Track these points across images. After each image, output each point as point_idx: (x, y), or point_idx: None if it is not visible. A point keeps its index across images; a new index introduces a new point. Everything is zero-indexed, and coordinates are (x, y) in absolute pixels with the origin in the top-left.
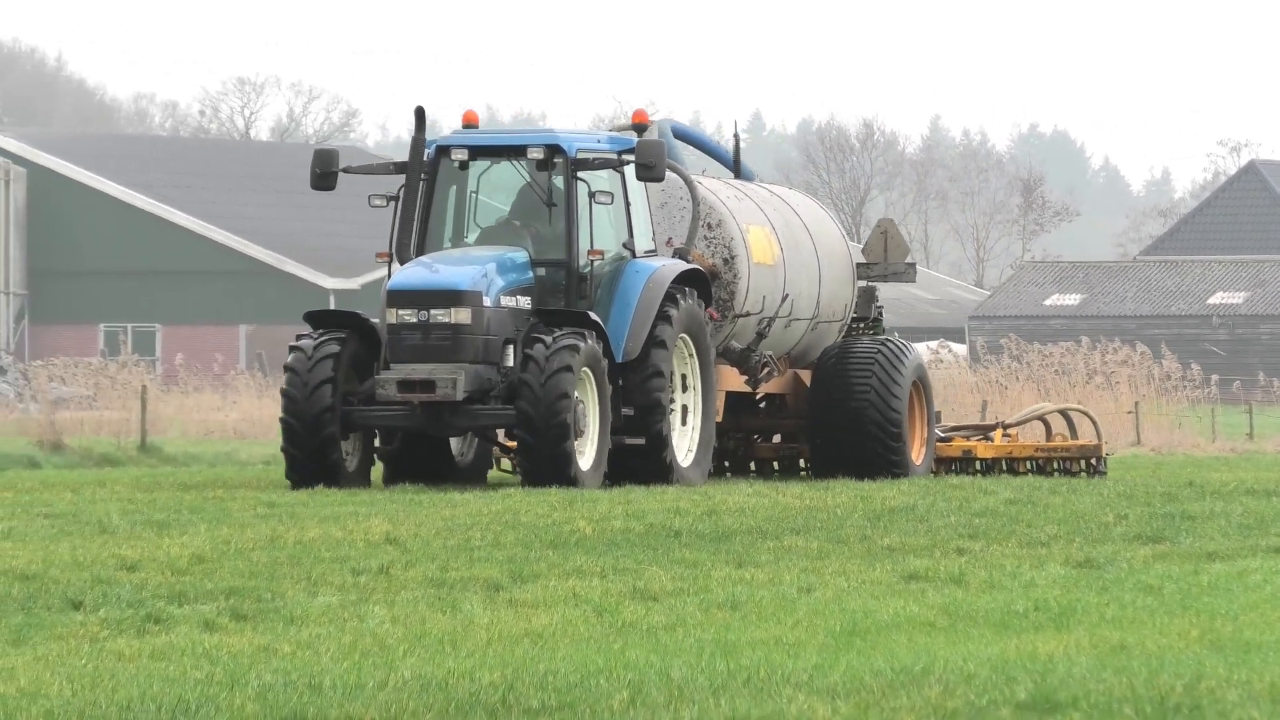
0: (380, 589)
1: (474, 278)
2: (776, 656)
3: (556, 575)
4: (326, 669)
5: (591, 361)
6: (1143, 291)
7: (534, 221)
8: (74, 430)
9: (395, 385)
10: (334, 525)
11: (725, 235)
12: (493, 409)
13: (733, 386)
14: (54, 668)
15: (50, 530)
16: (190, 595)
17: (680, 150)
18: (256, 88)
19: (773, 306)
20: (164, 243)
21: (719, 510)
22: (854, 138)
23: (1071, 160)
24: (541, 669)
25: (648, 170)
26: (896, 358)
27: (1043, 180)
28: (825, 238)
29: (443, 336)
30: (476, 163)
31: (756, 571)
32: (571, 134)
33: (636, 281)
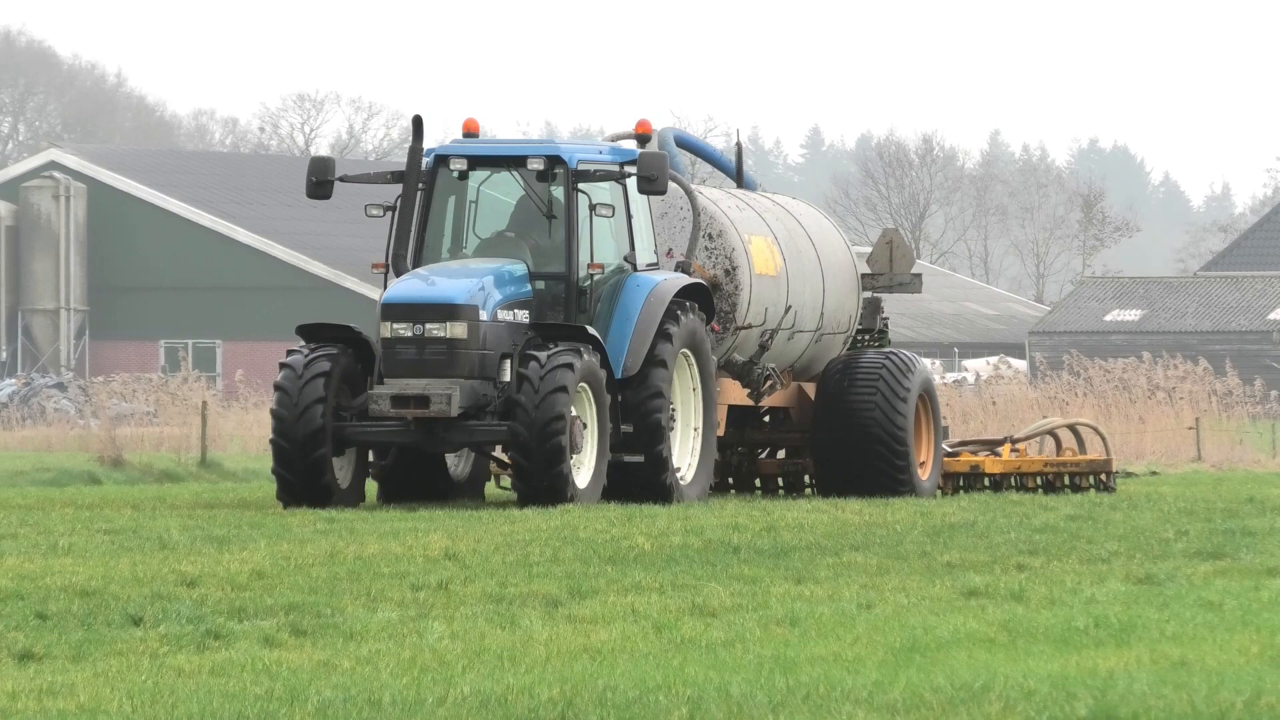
0: (439, 604)
1: (470, 291)
2: (836, 673)
3: (615, 591)
4: (386, 685)
5: (589, 377)
6: (1203, 307)
7: (533, 233)
8: (134, 446)
9: (389, 400)
10: (393, 541)
11: (726, 246)
12: (488, 425)
13: (735, 400)
14: (114, 684)
15: (110, 546)
16: (250, 611)
17: (682, 159)
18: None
19: (775, 318)
20: (224, 259)
21: (778, 526)
22: (913, 153)
23: (1132, 175)
24: (600, 685)
25: (650, 183)
26: (902, 371)
27: (1103, 195)
28: (829, 248)
29: (438, 351)
30: (476, 173)
31: (816, 588)
32: (572, 145)
33: (637, 296)
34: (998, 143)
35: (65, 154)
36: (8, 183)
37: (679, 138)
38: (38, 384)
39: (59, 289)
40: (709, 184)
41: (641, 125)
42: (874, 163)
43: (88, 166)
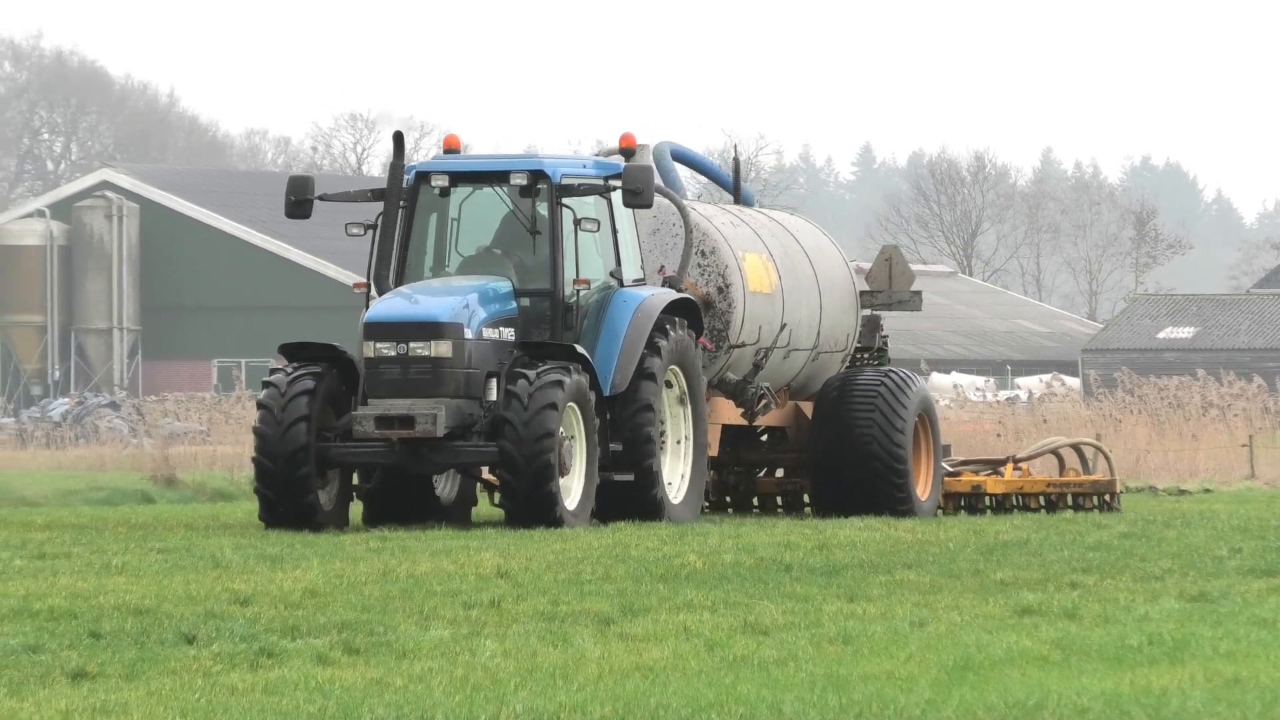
0: (491, 622)
1: (454, 309)
2: (889, 691)
3: (667, 609)
4: (439, 703)
5: (578, 396)
6: (1256, 324)
7: (517, 250)
8: (187, 465)
9: (373, 421)
10: (445, 559)
11: (719, 263)
12: (475, 445)
13: (728, 420)
14: (167, 702)
15: (164, 565)
16: (303, 629)
17: (678, 175)
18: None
19: (770, 336)
20: (277, 278)
21: (830, 544)
22: (965, 170)
23: (1184, 193)
24: (652, 703)
25: (635, 196)
26: (900, 389)
27: (1155, 213)
28: (827, 265)
29: (422, 370)
30: (458, 189)
31: (868, 606)
32: (556, 159)
33: (624, 312)
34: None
35: (118, 174)
36: (61, 202)
37: (676, 151)
38: (91, 403)
39: (112, 308)
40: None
41: (625, 139)
42: (926, 180)
43: (140, 186)
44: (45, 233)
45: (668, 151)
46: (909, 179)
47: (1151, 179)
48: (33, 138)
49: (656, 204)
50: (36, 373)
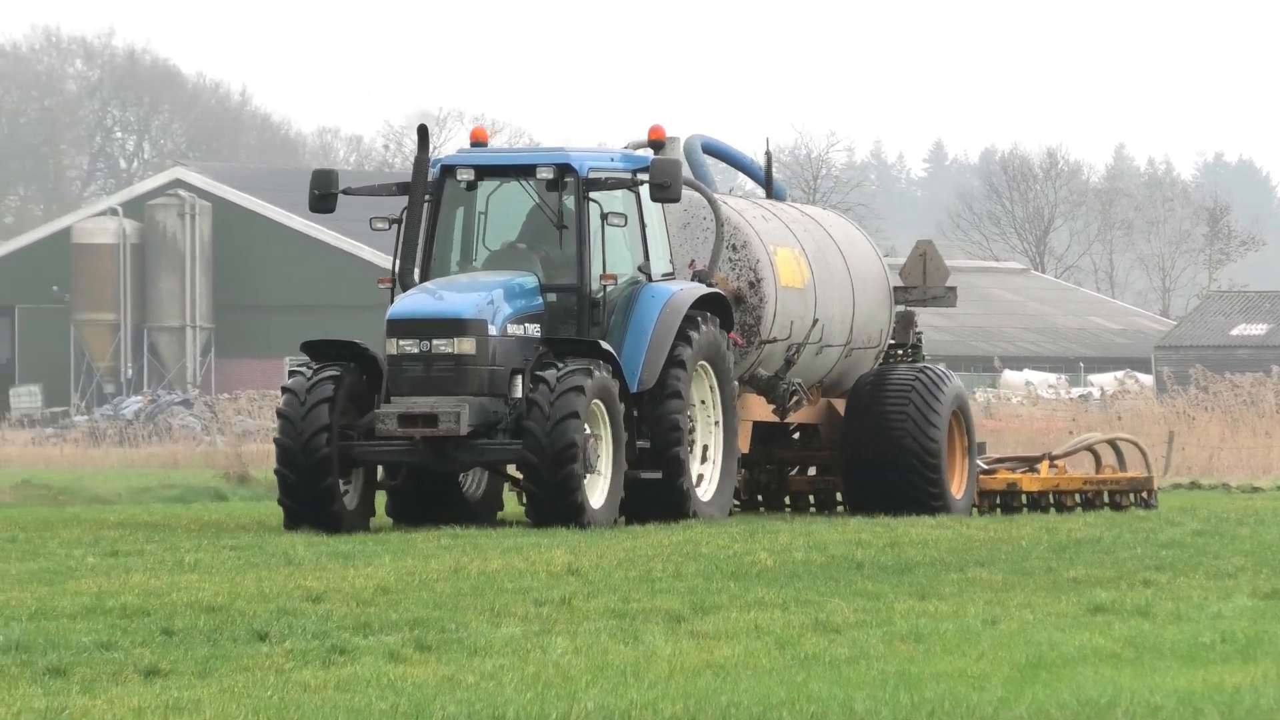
0: (562, 620)
1: (478, 305)
2: (960, 689)
3: (738, 607)
4: (510, 700)
5: (602, 394)
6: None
7: (544, 245)
8: (260, 463)
9: (396, 420)
10: (516, 556)
11: (751, 257)
12: (499, 443)
13: (759, 416)
14: (240, 699)
15: (236, 562)
16: (375, 626)
17: (709, 168)
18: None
19: (802, 332)
20: (349, 275)
21: (901, 542)
22: (1037, 167)
23: (1257, 189)
24: (724, 701)
25: (663, 190)
26: (934, 386)
27: (1228, 209)
28: (860, 260)
29: (445, 368)
30: (484, 183)
31: (940, 604)
32: (583, 152)
33: (652, 307)
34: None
35: (190, 172)
36: (134, 201)
37: (707, 144)
38: (164, 401)
39: (184, 306)
40: (734, 193)
41: (654, 131)
42: (998, 177)
43: (213, 185)
44: (118, 231)
45: (699, 145)
46: (981, 175)
47: (1224, 175)
48: (105, 136)
49: (687, 197)
50: (109, 371)
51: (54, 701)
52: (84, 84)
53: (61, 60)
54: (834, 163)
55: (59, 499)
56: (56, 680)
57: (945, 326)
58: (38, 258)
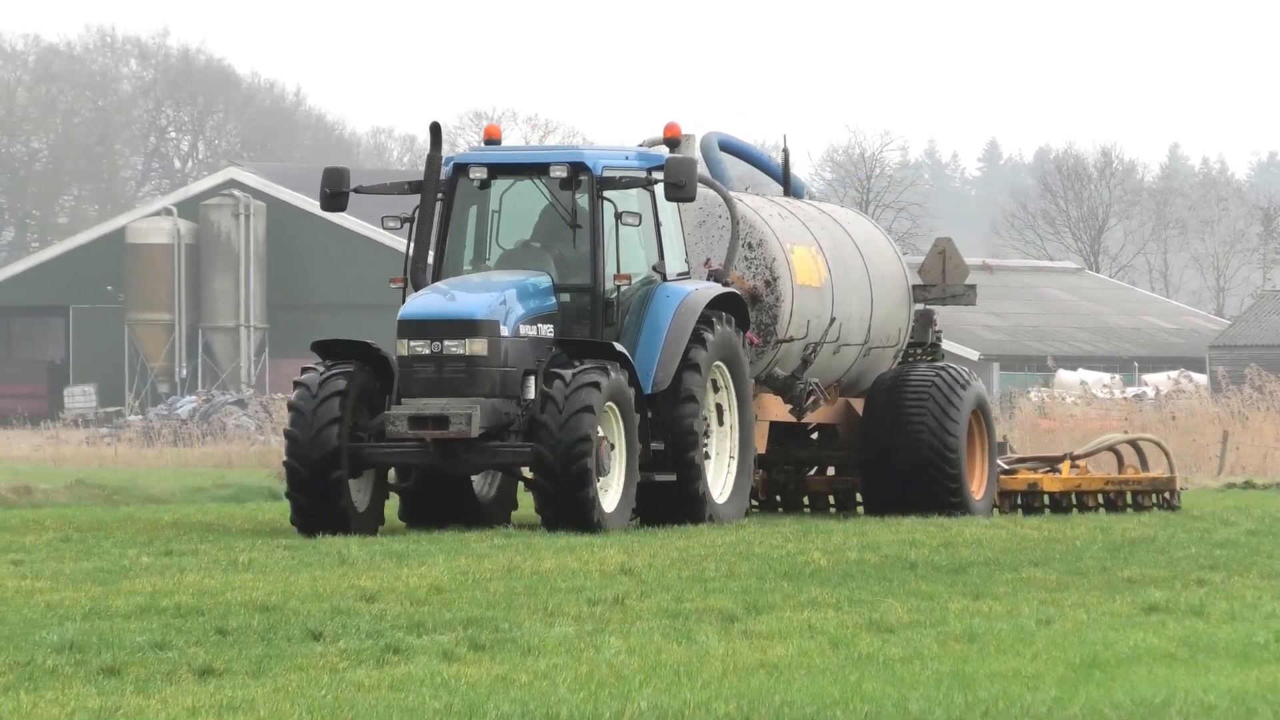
0: (616, 619)
1: (490, 306)
2: (1015, 689)
3: (791, 606)
4: (563, 699)
5: (616, 396)
6: None
7: (557, 244)
8: None
9: (406, 421)
10: (570, 555)
11: (767, 256)
12: (512, 445)
13: (776, 416)
14: (293, 699)
15: (290, 562)
16: (428, 625)
17: (726, 165)
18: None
19: (819, 331)
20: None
21: (955, 542)
22: (1092, 166)
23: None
24: (777, 700)
25: (677, 189)
26: (954, 385)
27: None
28: (878, 258)
29: (457, 369)
30: (497, 181)
31: (994, 603)
32: (597, 151)
33: (667, 307)
34: (1177, 156)
35: (245, 172)
36: (188, 201)
37: (724, 142)
38: (218, 401)
39: (239, 306)
40: (750, 191)
41: (670, 129)
42: (1052, 176)
43: (267, 184)
44: (172, 231)
45: (716, 142)
46: (1035, 175)
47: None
48: (160, 136)
49: (702, 195)
50: (163, 370)
51: (108, 701)
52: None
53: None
54: (888, 162)
55: (113, 499)
56: (111, 680)
57: (999, 326)
58: (92, 258)
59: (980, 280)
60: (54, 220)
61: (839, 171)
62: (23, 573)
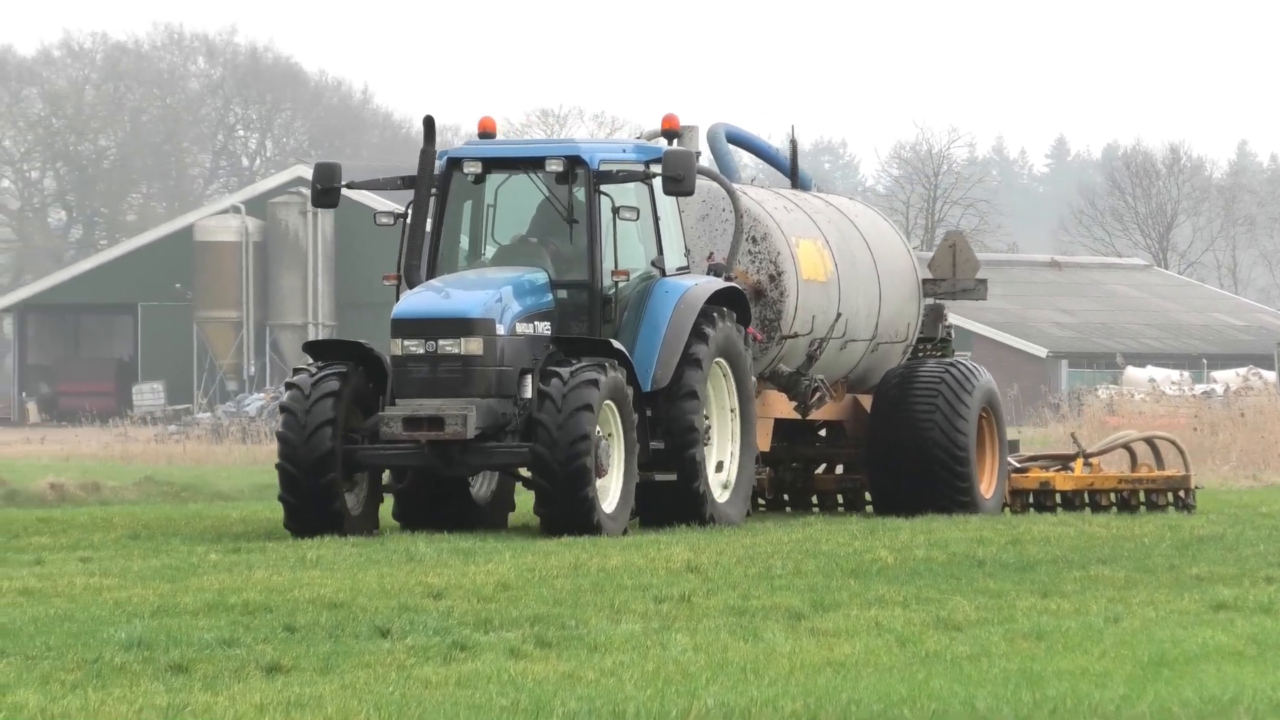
0: (682, 617)
1: (486, 304)
2: (1083, 687)
3: (858, 604)
4: (630, 697)
5: (614, 393)
6: None
7: (554, 239)
8: None
9: (400, 422)
10: (636, 553)
11: (771, 249)
12: (508, 446)
13: (781, 413)
14: (361, 696)
15: (358, 559)
16: (495, 622)
17: (733, 157)
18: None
19: (824, 327)
20: None
21: (1023, 540)
22: (1160, 163)
23: None
24: (844, 698)
25: (675, 183)
26: (963, 382)
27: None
28: (887, 252)
29: (452, 369)
30: (492, 176)
31: (1062, 601)
32: (594, 144)
33: (666, 303)
34: (1245, 152)
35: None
36: (256, 199)
37: (730, 133)
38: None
39: (307, 304)
40: (756, 183)
41: (668, 120)
42: (1120, 173)
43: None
44: (241, 229)
45: (722, 133)
46: (1103, 171)
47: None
48: (228, 134)
49: (705, 188)
50: (232, 368)
51: (176, 699)
52: (206, 82)
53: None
54: (955, 158)
55: (182, 496)
56: (178, 677)
57: (1068, 323)
58: (161, 255)
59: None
60: (122, 218)
61: (906, 168)
62: (91, 570)
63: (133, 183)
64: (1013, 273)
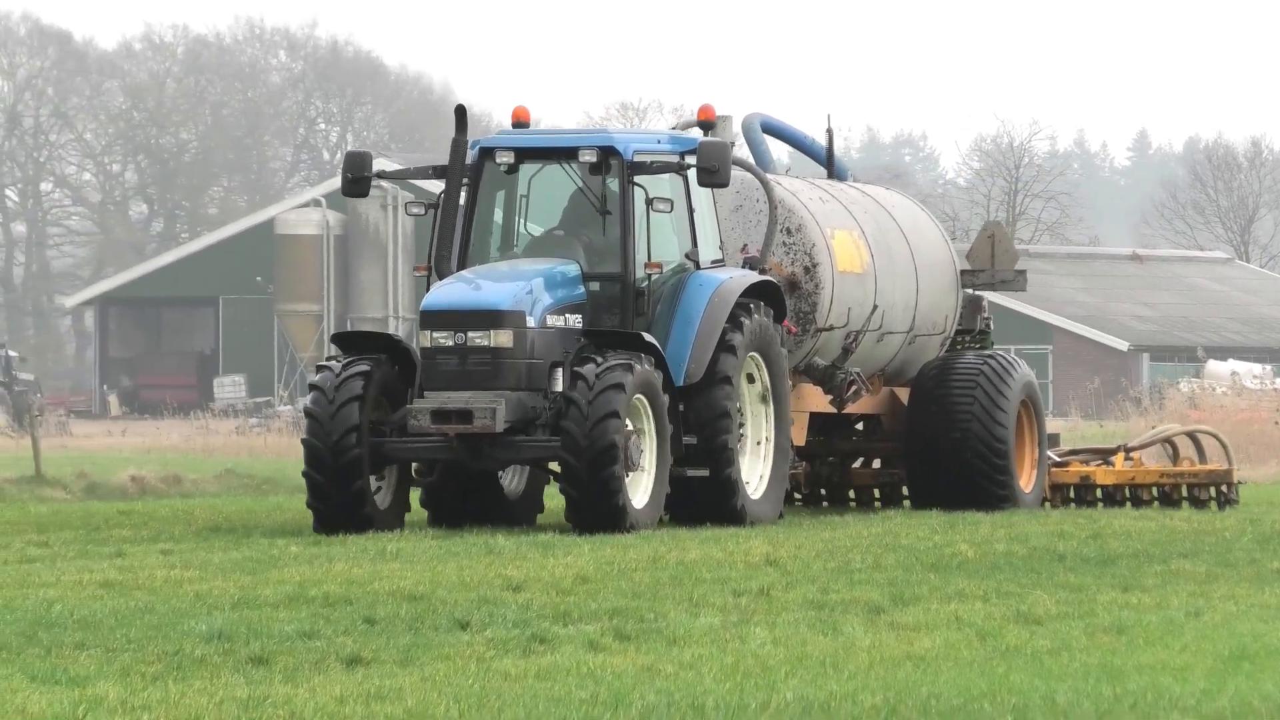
0: (761, 610)
1: (516, 296)
2: (1163, 681)
3: (938, 598)
4: (709, 690)
5: (645, 388)
6: None
7: (587, 231)
8: None
9: (429, 415)
10: (714, 546)
11: (806, 241)
12: (538, 440)
13: (816, 407)
14: (440, 688)
15: (437, 551)
16: (574, 615)
17: (768, 147)
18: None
19: (860, 319)
20: None
21: (1104, 534)
22: (1241, 156)
23: None
24: (924, 692)
25: (711, 175)
26: (1002, 374)
27: None
28: (924, 243)
29: (481, 361)
30: (525, 166)
31: (1143, 595)
32: (628, 134)
33: (700, 296)
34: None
35: (392, 164)
36: (337, 192)
37: (766, 123)
38: None
39: (387, 297)
40: (790, 174)
41: (704, 111)
42: (1202, 166)
43: None
44: (321, 222)
45: (758, 123)
46: (1185, 165)
47: None
48: (309, 127)
49: (739, 178)
50: (312, 361)
51: (256, 691)
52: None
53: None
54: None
55: (262, 488)
56: (259, 669)
57: (1149, 316)
58: (242, 249)
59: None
60: (203, 211)
61: (987, 161)
62: (172, 562)
63: (214, 176)
64: (1094, 266)
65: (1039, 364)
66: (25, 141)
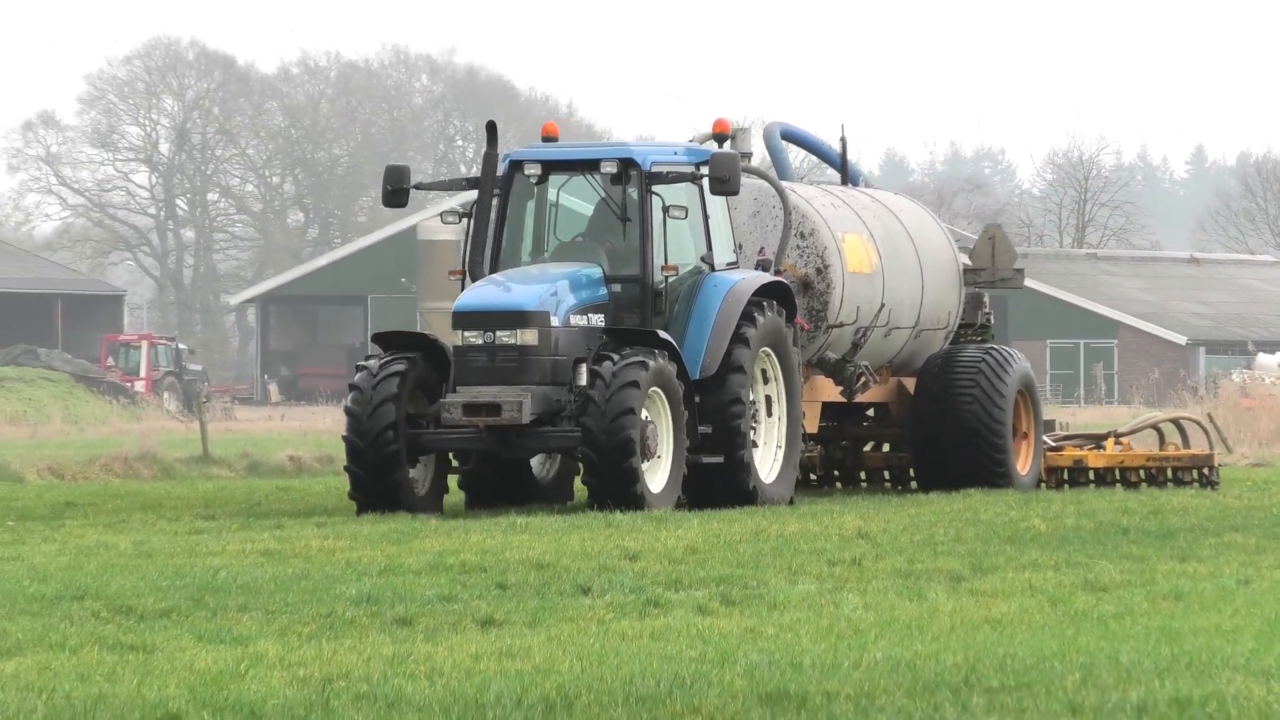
0: (853, 578)
1: (541, 297)
2: (1216, 642)
3: (1014, 568)
4: (806, 650)
5: (662, 381)
6: None
7: (609, 237)
8: None
9: (460, 409)
10: (811, 521)
11: (818, 244)
12: (562, 430)
13: (828, 397)
14: (565, 646)
15: (562, 524)
16: (685, 582)
17: (787, 156)
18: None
19: (869, 316)
20: None
21: (1164, 510)
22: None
23: None
24: (1000, 653)
25: (722, 184)
26: (1001, 366)
27: None
28: (929, 245)
29: (509, 358)
30: (553, 177)
31: (1199, 565)
32: (646, 147)
33: (715, 296)
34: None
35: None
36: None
37: (785, 131)
38: None
39: None
40: (805, 181)
41: (719, 124)
42: (1253, 178)
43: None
44: (459, 229)
45: (777, 132)
46: (1238, 177)
47: None
48: (448, 144)
49: (757, 186)
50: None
51: (400, 649)
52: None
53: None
54: (1104, 164)
55: None
56: (403, 629)
57: (1205, 313)
58: (387, 253)
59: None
60: (354, 219)
61: (1059, 173)
62: (325, 533)
63: (363, 187)
64: (1155, 268)
65: (1105, 356)
66: (194, 156)
